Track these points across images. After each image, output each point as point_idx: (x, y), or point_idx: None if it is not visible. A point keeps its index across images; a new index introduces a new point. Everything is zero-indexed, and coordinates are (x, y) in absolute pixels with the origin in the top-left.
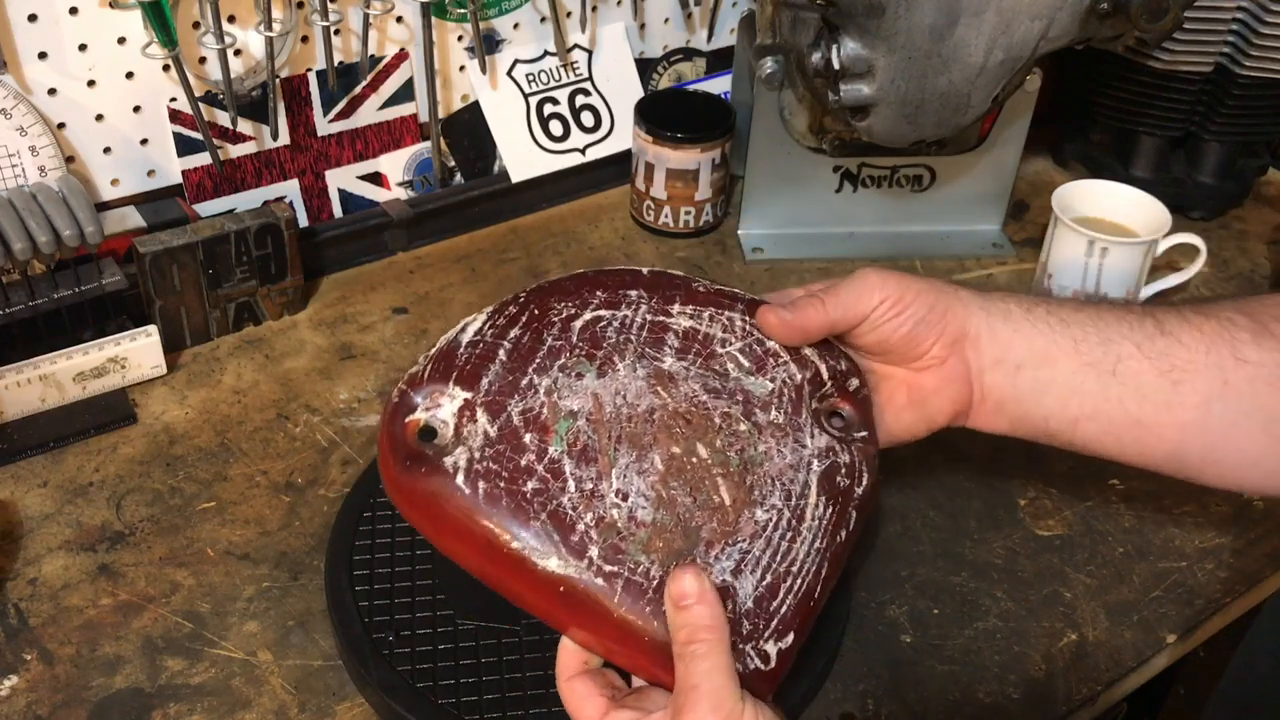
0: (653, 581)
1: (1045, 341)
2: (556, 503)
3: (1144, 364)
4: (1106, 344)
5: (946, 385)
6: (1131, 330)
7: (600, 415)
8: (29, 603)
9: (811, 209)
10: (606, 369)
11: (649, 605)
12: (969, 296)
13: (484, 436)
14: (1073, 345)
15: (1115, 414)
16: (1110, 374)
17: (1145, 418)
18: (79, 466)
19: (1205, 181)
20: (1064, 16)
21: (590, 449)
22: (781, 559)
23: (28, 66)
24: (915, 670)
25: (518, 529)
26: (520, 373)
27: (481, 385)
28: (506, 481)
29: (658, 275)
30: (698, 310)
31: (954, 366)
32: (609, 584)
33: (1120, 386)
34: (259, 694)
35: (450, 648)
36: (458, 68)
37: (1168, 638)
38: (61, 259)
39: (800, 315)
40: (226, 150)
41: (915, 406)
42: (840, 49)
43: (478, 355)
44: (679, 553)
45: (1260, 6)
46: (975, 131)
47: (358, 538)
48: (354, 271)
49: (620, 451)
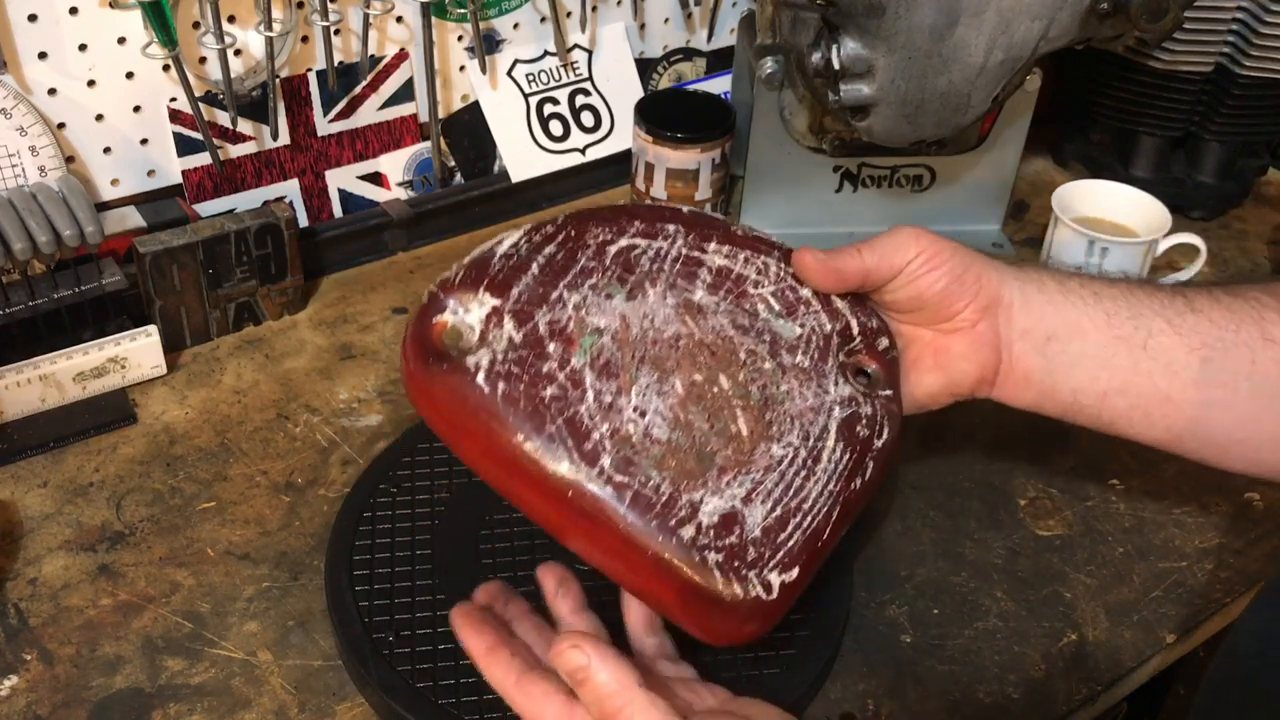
0: (661, 497)
1: (1077, 314)
2: (574, 410)
3: (1175, 340)
4: (1138, 318)
5: (974, 350)
6: (1163, 306)
7: (626, 335)
8: (29, 603)
9: (811, 209)
10: (637, 293)
11: (655, 520)
12: (1003, 265)
13: (509, 341)
14: (1105, 318)
15: (1145, 388)
16: (1141, 348)
17: (1175, 394)
18: (79, 466)
19: (1205, 181)
20: (1064, 16)
21: (613, 365)
22: (793, 495)
23: (28, 66)
24: (915, 670)
25: (532, 430)
26: (551, 286)
27: (512, 294)
28: (526, 385)
29: (697, 215)
30: (734, 251)
31: (984, 332)
32: (618, 493)
33: (1151, 361)
34: (259, 694)
35: (450, 648)
36: (458, 68)
37: (1168, 638)
38: (61, 259)
39: (836, 258)
40: (226, 150)
41: (940, 370)
42: (840, 49)
43: (511, 266)
44: (691, 473)
45: (1260, 6)
46: (975, 131)
47: (358, 538)
48: (354, 271)
49: (642, 371)
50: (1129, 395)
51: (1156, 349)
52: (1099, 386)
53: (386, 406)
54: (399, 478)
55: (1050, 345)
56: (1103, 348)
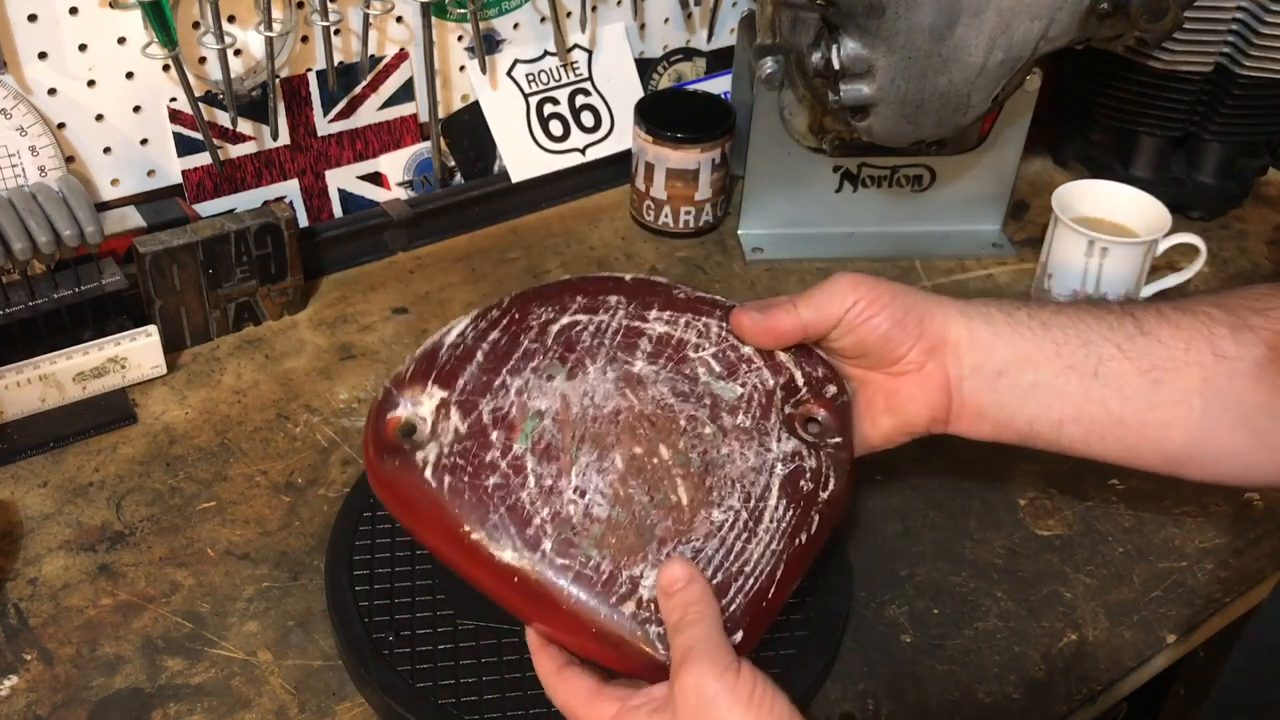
0: (602, 575)
1: (1027, 345)
2: (516, 497)
3: (1125, 364)
4: (1087, 346)
5: (923, 392)
6: (1111, 331)
7: (566, 416)
8: (29, 603)
9: (811, 209)
10: (577, 371)
11: (596, 598)
12: (948, 302)
13: (454, 433)
14: (1054, 348)
15: (1098, 415)
16: (1092, 376)
17: (1128, 417)
18: (79, 466)
19: (1205, 181)
20: (1064, 16)
21: (554, 447)
22: (734, 559)
23: (28, 66)
24: (915, 670)
25: (476, 521)
26: (495, 373)
27: (458, 385)
28: (470, 476)
29: (640, 282)
30: (674, 316)
31: (932, 373)
32: (559, 574)
33: (1102, 388)
34: (259, 694)
35: (450, 648)
36: (458, 68)
37: (1168, 638)
38: (61, 259)
39: (771, 317)
40: (226, 150)
41: (892, 412)
42: (840, 49)
43: (457, 356)
44: (631, 548)
45: (1260, 6)
46: (975, 131)
47: (358, 538)
48: (354, 271)
49: (582, 450)
50: (1083, 422)
51: (1107, 375)
52: (1053, 415)
53: None
54: None
55: (1001, 380)
56: (1054, 377)
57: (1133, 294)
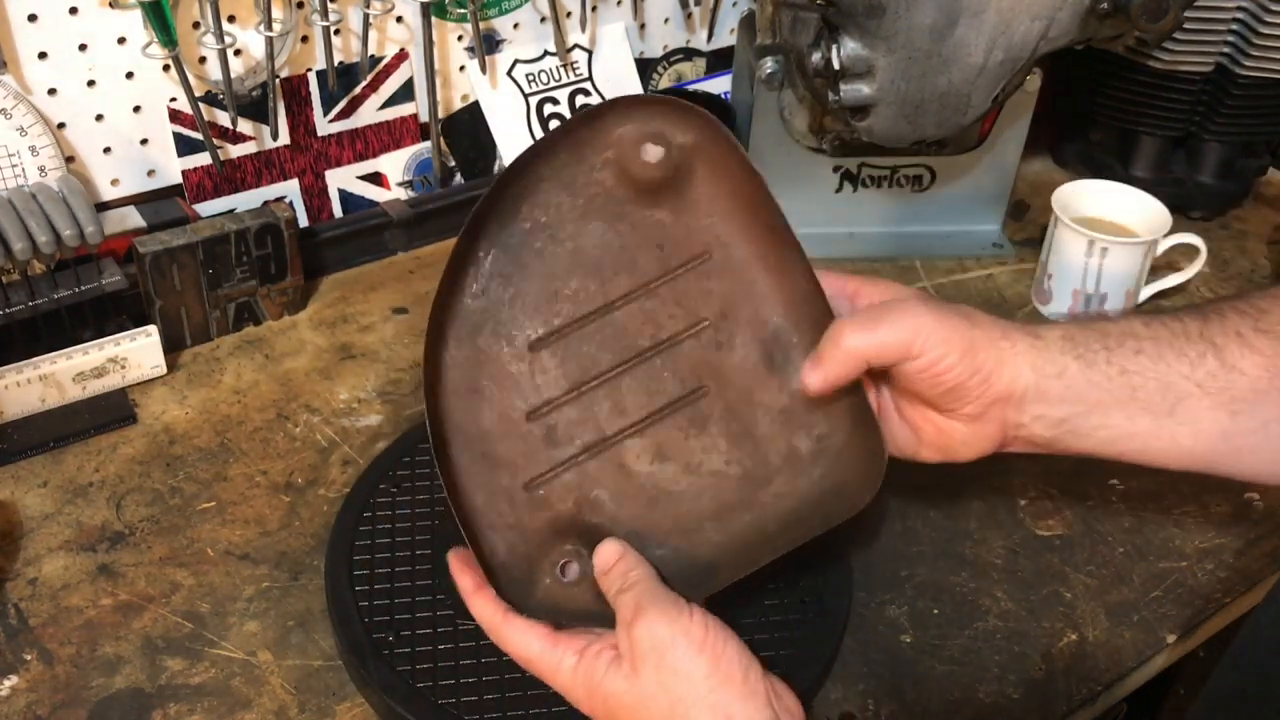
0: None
1: (1100, 393)
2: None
3: (1203, 401)
4: (1166, 389)
5: (977, 439)
6: (1193, 369)
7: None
8: (29, 603)
9: (811, 209)
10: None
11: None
12: (1024, 349)
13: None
14: (1130, 394)
15: (1167, 448)
16: (1168, 415)
17: (1199, 448)
18: (79, 466)
19: (1205, 181)
20: (1064, 16)
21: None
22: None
23: (28, 66)
24: (915, 670)
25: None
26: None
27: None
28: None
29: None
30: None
31: (987, 425)
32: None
33: (1176, 425)
34: (259, 694)
35: (450, 648)
36: (458, 68)
37: (1168, 638)
38: (61, 259)
39: (835, 373)
40: (226, 150)
41: (940, 450)
42: (840, 49)
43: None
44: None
45: (1260, 6)
46: (975, 131)
47: (358, 538)
48: (354, 271)
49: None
50: (1148, 454)
51: (1184, 413)
52: (1114, 449)
53: (386, 406)
54: (399, 478)
55: (1064, 424)
56: (1124, 420)
57: (1133, 294)
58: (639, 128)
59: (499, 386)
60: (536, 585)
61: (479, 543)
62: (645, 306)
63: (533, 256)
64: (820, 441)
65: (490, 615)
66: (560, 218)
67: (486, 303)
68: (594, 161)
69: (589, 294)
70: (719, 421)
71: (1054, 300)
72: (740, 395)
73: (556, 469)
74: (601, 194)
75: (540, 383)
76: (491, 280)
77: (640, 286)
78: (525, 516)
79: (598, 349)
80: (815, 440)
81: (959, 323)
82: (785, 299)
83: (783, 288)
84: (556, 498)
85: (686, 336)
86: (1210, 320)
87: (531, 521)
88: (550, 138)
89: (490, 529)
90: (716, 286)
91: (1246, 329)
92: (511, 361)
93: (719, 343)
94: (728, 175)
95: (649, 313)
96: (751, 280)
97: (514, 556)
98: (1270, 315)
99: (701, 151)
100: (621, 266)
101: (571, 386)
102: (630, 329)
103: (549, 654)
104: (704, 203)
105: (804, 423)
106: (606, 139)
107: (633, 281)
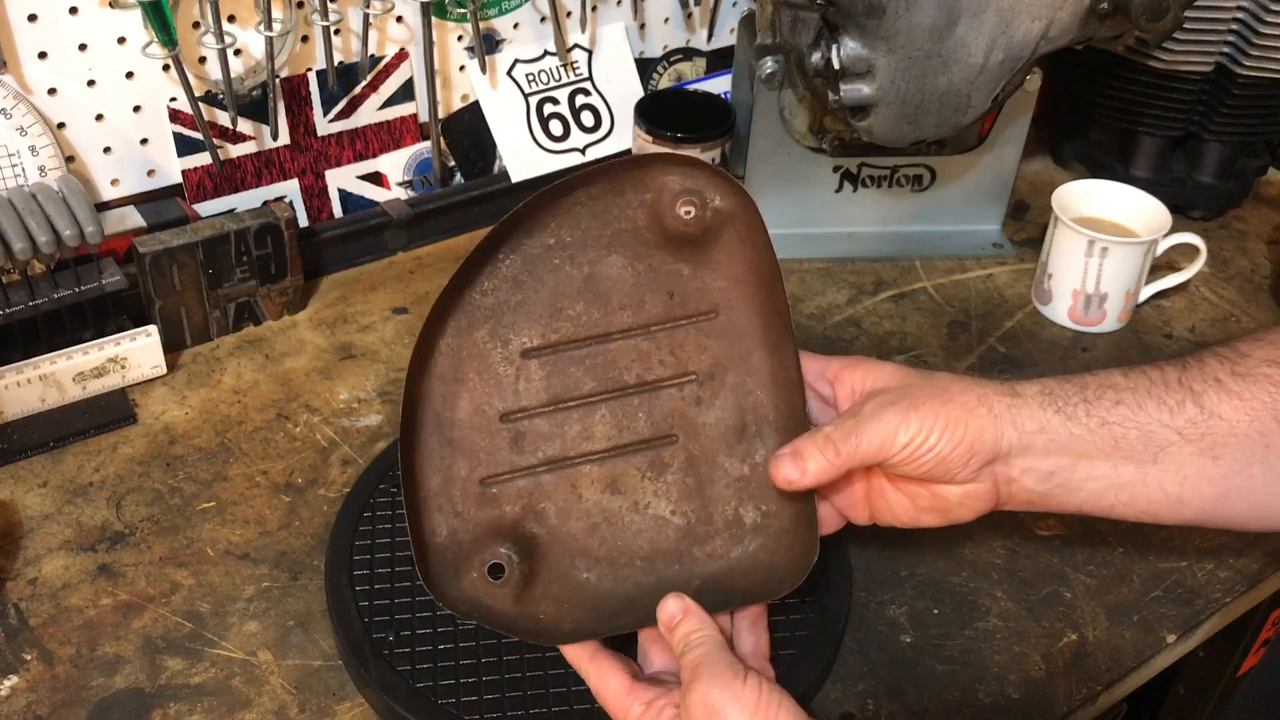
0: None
1: (1084, 445)
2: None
3: (1185, 448)
4: (1148, 438)
5: (971, 500)
6: (1172, 417)
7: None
8: (29, 603)
9: (811, 209)
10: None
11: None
12: (1002, 410)
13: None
14: (1113, 444)
15: (1154, 496)
16: (1151, 463)
17: (1185, 494)
18: (79, 466)
19: (1205, 181)
20: (1064, 16)
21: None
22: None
23: (28, 66)
24: (915, 670)
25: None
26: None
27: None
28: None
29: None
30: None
31: (980, 484)
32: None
33: (1160, 473)
34: (259, 694)
35: (450, 648)
36: (458, 68)
37: (1168, 638)
38: (61, 259)
39: (813, 474)
40: (226, 150)
41: (938, 513)
42: (840, 49)
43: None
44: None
45: (1260, 6)
46: (975, 131)
47: (358, 538)
48: (354, 271)
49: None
50: (1137, 504)
51: (1167, 461)
52: (1105, 502)
53: (386, 406)
54: (399, 478)
55: (1053, 477)
56: (1110, 470)
57: (1133, 294)
58: (683, 181)
59: (482, 382)
60: (463, 576)
61: (422, 520)
62: (640, 346)
63: (548, 271)
64: (765, 518)
65: (580, 650)
66: (584, 241)
67: (493, 302)
68: (631, 199)
69: (591, 320)
70: (677, 471)
71: (1054, 300)
72: (704, 453)
73: (514, 473)
74: (629, 231)
75: (522, 389)
76: (503, 283)
77: (641, 326)
78: (473, 509)
79: (584, 373)
80: (761, 515)
81: (932, 405)
82: (772, 378)
83: (773, 366)
84: (506, 500)
85: (671, 384)
86: (1189, 367)
87: (477, 515)
88: (597, 168)
89: (438, 511)
90: (713, 346)
91: (1225, 374)
92: (501, 363)
93: (699, 398)
94: (752, 248)
95: (642, 353)
96: (748, 350)
97: (451, 542)
98: (1250, 359)
99: (734, 219)
100: (629, 303)
101: (550, 401)
102: (620, 363)
103: (621, 698)
104: (723, 266)
105: (755, 496)
106: (649, 182)
107: (635, 319)
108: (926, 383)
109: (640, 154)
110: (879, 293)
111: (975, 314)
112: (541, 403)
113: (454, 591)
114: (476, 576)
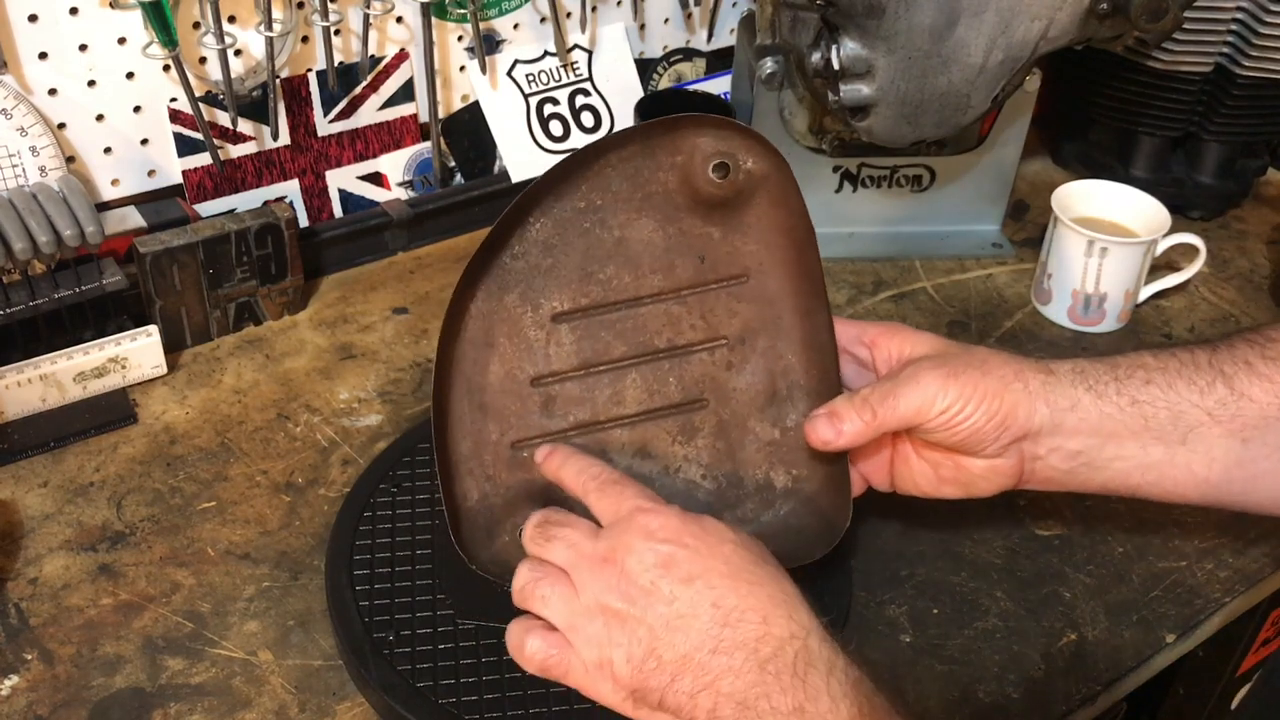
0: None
1: (1113, 424)
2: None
3: (1215, 429)
4: (1177, 418)
5: (996, 475)
6: (1203, 397)
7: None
8: (29, 603)
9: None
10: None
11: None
12: (1036, 386)
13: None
14: (1142, 423)
15: (1181, 477)
16: (1180, 444)
17: (1213, 476)
18: (79, 466)
19: (1205, 181)
20: (1064, 16)
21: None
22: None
23: (28, 66)
24: (915, 670)
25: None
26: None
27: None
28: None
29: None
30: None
31: (1006, 460)
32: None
33: (1189, 454)
34: (259, 694)
35: (450, 648)
36: (458, 68)
37: (1168, 638)
38: (62, 259)
39: (849, 436)
40: (227, 150)
41: (960, 485)
42: (840, 49)
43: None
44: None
45: (1260, 6)
46: (975, 131)
47: (358, 538)
48: (354, 271)
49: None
50: (1164, 484)
51: (1196, 442)
52: (1131, 481)
53: (386, 406)
54: (399, 478)
55: (1079, 456)
56: (1138, 450)
57: (1132, 294)
58: (715, 143)
59: (513, 346)
60: (495, 539)
61: (454, 485)
62: (671, 310)
63: (579, 235)
64: (796, 482)
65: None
66: (615, 204)
67: (524, 265)
68: (663, 161)
69: (622, 284)
70: (708, 436)
71: (1054, 300)
72: (735, 417)
73: (545, 437)
74: (661, 193)
75: (552, 354)
76: (534, 246)
77: (672, 290)
78: (504, 473)
79: (615, 337)
80: (792, 479)
81: (971, 375)
82: (804, 342)
83: (804, 331)
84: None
85: (702, 349)
86: (1219, 350)
87: (508, 479)
88: (628, 131)
89: (469, 475)
90: (744, 310)
91: (1255, 357)
92: (531, 327)
93: (730, 363)
94: (785, 211)
95: (673, 317)
96: (778, 314)
97: (483, 506)
98: (1277, 340)
99: (767, 182)
100: (660, 266)
101: (580, 365)
102: (650, 327)
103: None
104: (754, 229)
105: (786, 460)
106: (681, 144)
107: (666, 283)
108: (965, 353)
109: (672, 116)
110: (879, 293)
111: (975, 314)
112: (572, 367)
113: (486, 555)
114: (508, 540)
